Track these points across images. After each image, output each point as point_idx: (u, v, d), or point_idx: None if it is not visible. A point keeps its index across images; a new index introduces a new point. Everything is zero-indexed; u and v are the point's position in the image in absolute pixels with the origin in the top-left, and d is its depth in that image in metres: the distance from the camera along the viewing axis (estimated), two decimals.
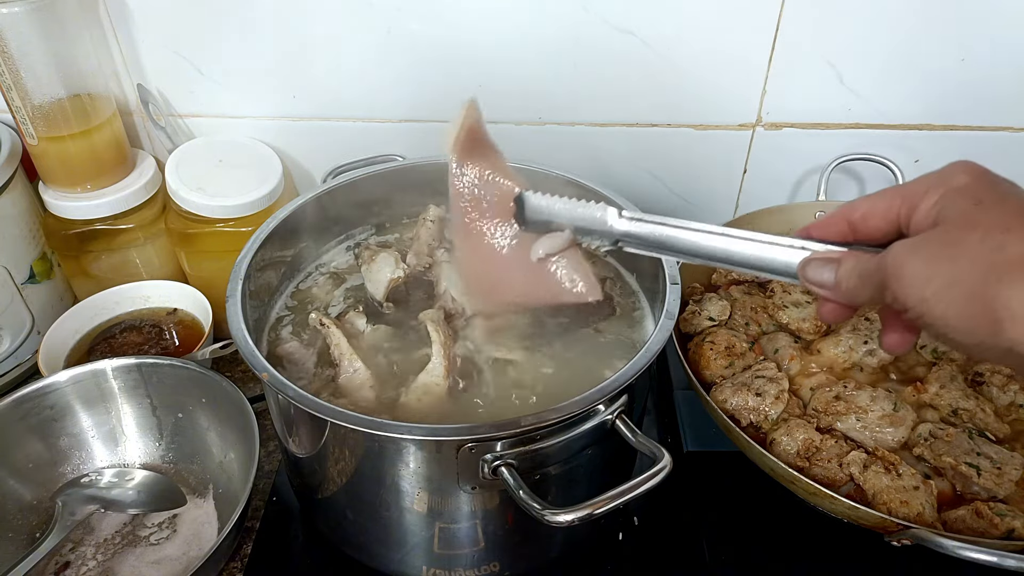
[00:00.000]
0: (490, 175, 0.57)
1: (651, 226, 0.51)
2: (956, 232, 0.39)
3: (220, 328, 0.93)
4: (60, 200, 0.93)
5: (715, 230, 0.49)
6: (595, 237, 0.53)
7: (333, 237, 0.88)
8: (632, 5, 0.88)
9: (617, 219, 0.52)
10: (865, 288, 0.43)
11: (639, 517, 0.79)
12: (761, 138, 0.98)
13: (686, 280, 0.89)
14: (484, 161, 0.57)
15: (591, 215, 0.53)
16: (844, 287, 0.44)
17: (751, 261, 0.48)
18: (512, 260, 0.57)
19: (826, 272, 0.45)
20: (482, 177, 0.57)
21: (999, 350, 0.37)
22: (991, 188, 0.40)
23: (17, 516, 0.78)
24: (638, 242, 0.52)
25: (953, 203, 0.40)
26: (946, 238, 0.39)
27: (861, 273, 0.43)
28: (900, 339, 0.46)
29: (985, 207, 0.39)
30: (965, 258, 0.38)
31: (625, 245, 0.53)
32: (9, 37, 0.82)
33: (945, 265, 0.38)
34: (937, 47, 0.89)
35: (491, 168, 0.57)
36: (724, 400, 0.75)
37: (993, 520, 0.64)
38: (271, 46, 0.95)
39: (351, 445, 0.62)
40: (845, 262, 0.44)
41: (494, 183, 0.57)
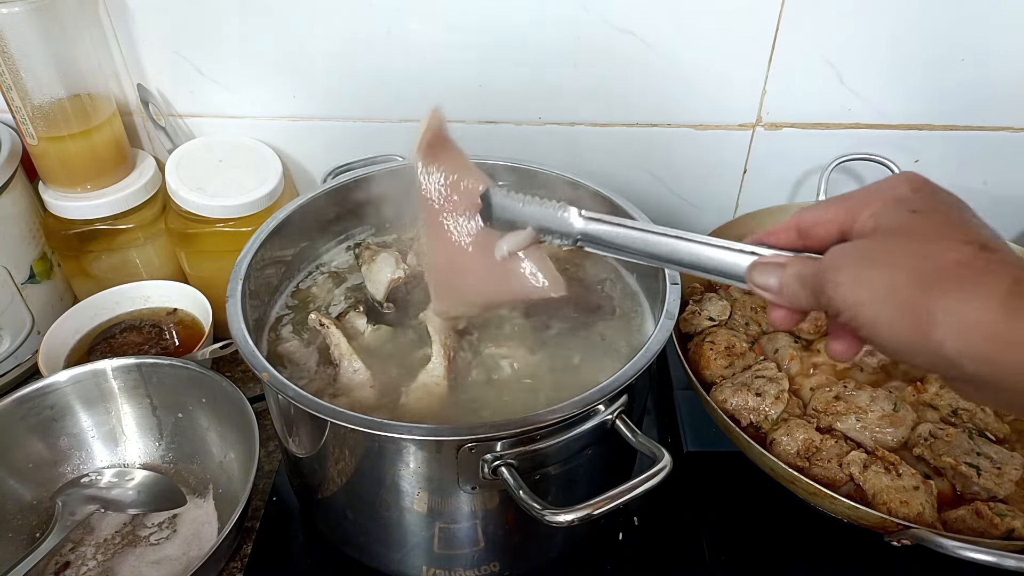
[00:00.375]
0: (455, 176, 0.59)
1: (609, 227, 0.53)
2: (890, 239, 0.40)
3: (220, 328, 0.93)
4: (60, 200, 0.93)
5: (670, 232, 0.50)
6: (556, 235, 0.55)
7: (333, 237, 0.88)
8: (632, 5, 0.88)
9: (577, 218, 0.54)
10: (804, 292, 0.43)
11: (639, 517, 0.79)
12: (761, 138, 0.98)
13: (686, 280, 0.89)
14: (449, 163, 0.59)
15: (553, 214, 0.54)
16: (786, 291, 0.45)
17: (703, 264, 0.49)
18: (478, 259, 0.59)
19: (771, 276, 0.46)
20: (448, 178, 0.59)
21: (927, 354, 0.38)
22: (928, 199, 0.41)
23: (17, 516, 0.78)
24: (596, 242, 0.54)
25: (890, 212, 0.41)
26: (880, 245, 0.40)
27: (801, 277, 0.44)
28: (845, 347, 0.46)
29: (919, 217, 0.40)
30: (896, 265, 0.39)
31: (585, 244, 0.54)
32: (9, 37, 0.82)
33: (877, 271, 0.39)
34: (937, 47, 0.89)
35: (456, 169, 0.59)
36: (724, 400, 0.75)
37: (993, 520, 0.64)
38: (271, 46, 0.95)
39: (351, 445, 0.62)
40: (789, 267, 0.45)
41: (460, 183, 0.59)
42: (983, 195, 1.00)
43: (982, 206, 0.42)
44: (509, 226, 0.57)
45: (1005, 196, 1.00)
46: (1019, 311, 0.35)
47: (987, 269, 0.37)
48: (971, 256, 0.37)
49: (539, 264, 0.57)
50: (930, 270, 0.38)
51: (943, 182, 0.43)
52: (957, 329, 0.36)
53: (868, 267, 0.40)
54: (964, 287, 0.37)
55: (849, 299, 0.40)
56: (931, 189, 0.42)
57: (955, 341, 0.36)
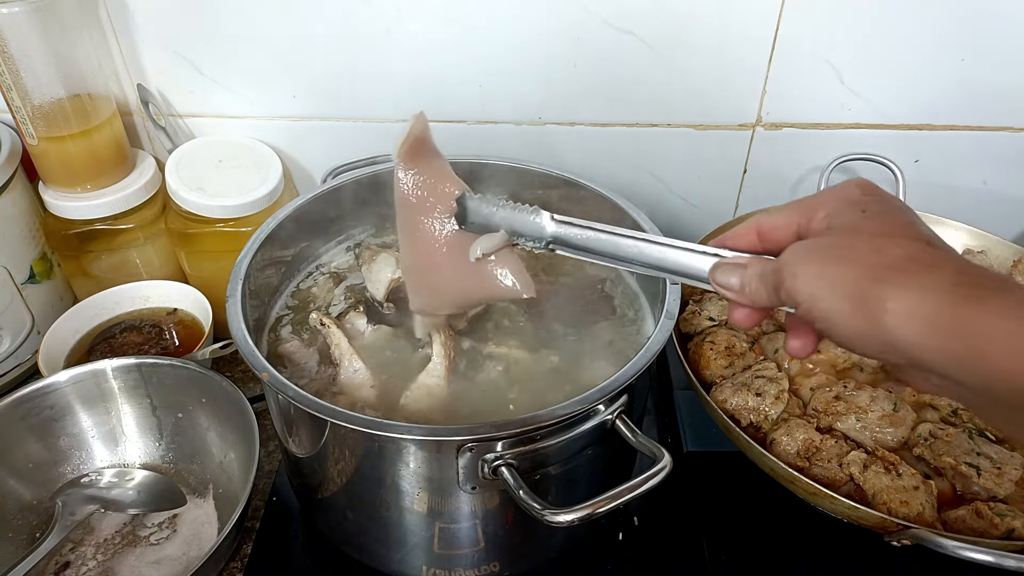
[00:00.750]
0: (433, 179, 0.61)
1: (578, 230, 0.55)
2: (843, 237, 0.43)
3: (220, 328, 0.93)
4: (60, 200, 0.93)
5: (637, 235, 0.53)
6: (529, 239, 0.57)
7: (333, 237, 0.88)
8: (632, 5, 0.88)
9: (549, 222, 0.56)
10: (764, 289, 0.46)
11: (639, 517, 0.79)
12: (761, 138, 0.98)
13: None
14: (428, 166, 0.61)
15: (526, 218, 0.57)
16: (747, 290, 0.48)
17: (668, 266, 0.52)
18: (452, 260, 0.61)
19: (733, 276, 0.48)
20: (426, 181, 0.61)
21: (878, 343, 0.40)
22: (877, 202, 0.44)
23: (17, 516, 0.78)
24: (567, 244, 0.56)
25: (843, 213, 0.44)
26: (834, 242, 0.44)
27: (762, 275, 0.46)
28: (802, 344, 0.49)
29: (870, 216, 0.43)
30: (849, 259, 0.41)
31: (556, 247, 0.56)
32: (9, 37, 0.82)
33: (832, 265, 0.42)
34: (937, 47, 0.89)
35: (435, 173, 0.61)
36: (724, 400, 0.75)
37: (993, 520, 0.64)
38: (271, 46, 0.95)
39: (351, 445, 0.62)
40: (750, 267, 0.48)
41: (437, 186, 0.61)
42: (983, 195, 1.00)
43: (982, 206, 0.43)
44: (483, 229, 0.59)
45: (1005, 196, 1.00)
46: (963, 300, 0.38)
47: (933, 262, 0.40)
48: (918, 250, 0.41)
49: (511, 266, 0.60)
50: (880, 264, 0.40)
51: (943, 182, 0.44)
52: (906, 318, 0.39)
53: (823, 262, 0.43)
54: (912, 279, 0.39)
55: (806, 292, 0.43)
56: (879, 193, 0.45)
57: (904, 330, 0.39)
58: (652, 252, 0.52)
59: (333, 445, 0.63)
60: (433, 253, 0.62)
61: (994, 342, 0.37)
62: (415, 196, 0.61)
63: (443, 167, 0.62)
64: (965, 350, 0.38)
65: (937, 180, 0.98)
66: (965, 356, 0.38)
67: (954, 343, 0.38)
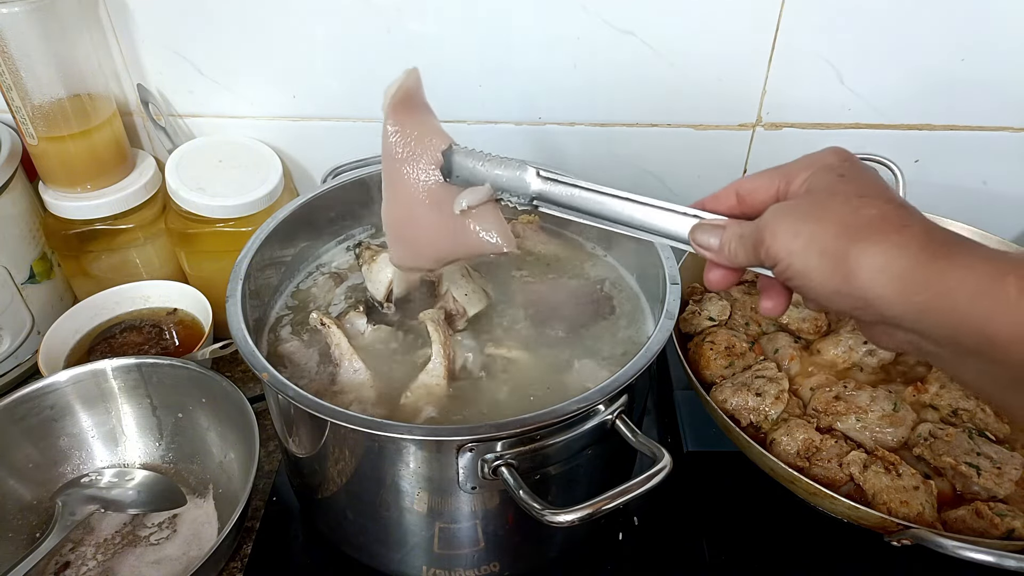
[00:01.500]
0: (419, 132, 0.61)
1: (563, 187, 0.56)
2: (821, 198, 0.46)
3: (220, 328, 0.93)
4: (60, 200, 0.93)
5: (620, 194, 0.54)
6: (513, 193, 0.58)
7: (333, 237, 0.88)
8: (632, 5, 0.88)
9: (535, 178, 0.57)
10: (743, 248, 0.48)
11: (639, 517, 0.79)
12: (761, 138, 0.98)
13: (686, 280, 0.89)
14: (416, 120, 0.61)
15: (511, 172, 0.57)
16: (726, 249, 0.50)
17: (649, 226, 0.54)
18: (435, 213, 0.61)
19: (712, 237, 0.51)
20: (412, 133, 0.61)
21: (851, 299, 0.43)
22: (853, 167, 0.47)
23: (17, 516, 0.78)
24: (552, 202, 0.57)
25: (821, 176, 0.47)
26: (812, 201, 0.46)
27: (741, 236, 0.49)
28: (774, 303, 0.52)
29: (846, 180, 0.46)
30: (826, 219, 0.44)
31: (541, 204, 0.57)
32: (9, 37, 0.82)
33: (810, 224, 0.44)
34: (937, 47, 0.89)
35: (422, 126, 0.61)
36: (724, 400, 0.75)
37: (993, 520, 0.64)
38: (271, 46, 0.95)
39: (351, 445, 0.62)
40: (729, 228, 0.50)
41: (423, 139, 0.60)
42: (983, 195, 1.00)
43: (982, 206, 0.44)
44: (468, 183, 0.59)
45: (1005, 196, 1.00)
46: (933, 256, 0.40)
47: (904, 222, 0.42)
48: (891, 211, 0.43)
49: (493, 221, 0.60)
50: (855, 223, 0.43)
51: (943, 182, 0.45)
52: (878, 274, 0.41)
53: (801, 221, 0.45)
54: (886, 237, 0.42)
55: (784, 251, 0.45)
56: (854, 160, 0.48)
57: (876, 285, 0.41)
58: (635, 212, 0.54)
59: (333, 445, 0.63)
60: (416, 205, 0.61)
61: (961, 293, 0.39)
62: (400, 148, 0.61)
63: (431, 121, 0.62)
64: (933, 302, 0.40)
65: (937, 180, 0.98)
66: (934, 308, 0.40)
67: (923, 296, 0.40)
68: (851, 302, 0.43)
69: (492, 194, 0.58)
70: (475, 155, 0.59)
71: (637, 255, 0.80)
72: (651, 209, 0.53)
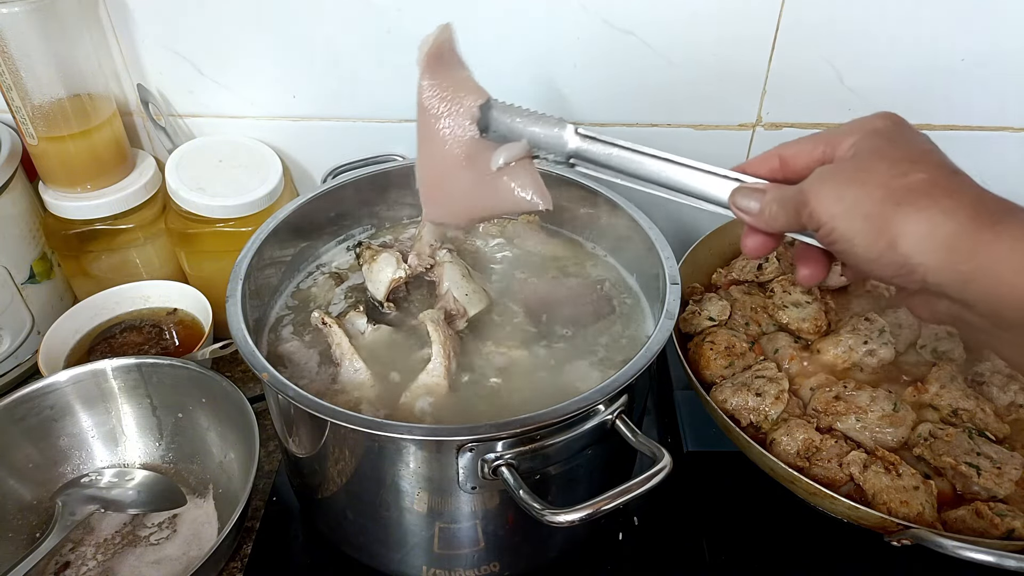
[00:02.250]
0: (455, 87, 0.60)
1: (601, 145, 0.55)
2: (867, 162, 0.44)
3: (220, 328, 0.93)
4: (60, 200, 0.93)
5: (660, 155, 0.53)
6: (550, 151, 0.57)
7: (333, 237, 0.89)
8: (632, 5, 0.88)
9: (573, 135, 0.56)
10: (784, 211, 0.48)
11: (639, 517, 0.79)
12: (761, 138, 0.98)
13: (686, 280, 0.89)
14: (451, 73, 0.60)
15: (549, 129, 0.56)
16: (766, 212, 0.49)
17: (688, 188, 0.53)
18: (469, 169, 0.59)
19: (752, 200, 0.50)
20: (447, 88, 0.60)
21: (894, 264, 0.42)
22: (902, 131, 0.46)
23: (17, 516, 0.78)
24: (589, 160, 0.56)
25: (868, 140, 0.46)
26: (858, 165, 0.45)
27: (781, 199, 0.48)
28: (812, 272, 0.51)
29: (895, 144, 0.45)
30: (871, 183, 0.43)
31: (577, 162, 0.56)
32: (9, 37, 0.82)
33: (855, 188, 0.43)
34: (937, 47, 0.89)
35: (457, 79, 0.60)
36: (724, 400, 0.75)
37: (993, 520, 0.64)
38: (271, 46, 0.95)
39: (351, 445, 0.62)
40: (769, 191, 0.49)
41: (459, 92, 0.59)
42: None
43: None
44: (504, 139, 0.58)
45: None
46: (981, 225, 0.40)
47: (953, 188, 0.41)
48: (940, 176, 0.42)
49: (530, 178, 0.59)
50: (902, 187, 0.42)
51: None
52: (923, 240, 0.41)
53: (846, 185, 0.44)
54: (933, 203, 0.41)
55: (827, 214, 0.44)
56: (905, 124, 0.47)
57: (921, 252, 0.41)
58: (673, 174, 0.53)
59: (333, 445, 0.63)
60: (451, 161, 0.60)
61: (1008, 263, 0.39)
62: (436, 103, 0.60)
63: (466, 76, 0.61)
64: (979, 271, 0.39)
65: None
66: (979, 277, 0.39)
67: (969, 265, 0.39)
68: (894, 268, 0.42)
69: (529, 150, 0.57)
70: (512, 110, 0.57)
71: (637, 255, 0.80)
72: (691, 171, 0.52)
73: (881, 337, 0.79)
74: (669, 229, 0.78)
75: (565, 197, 0.85)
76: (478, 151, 0.59)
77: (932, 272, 0.41)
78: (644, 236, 0.77)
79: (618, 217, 0.81)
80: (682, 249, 0.88)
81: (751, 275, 0.90)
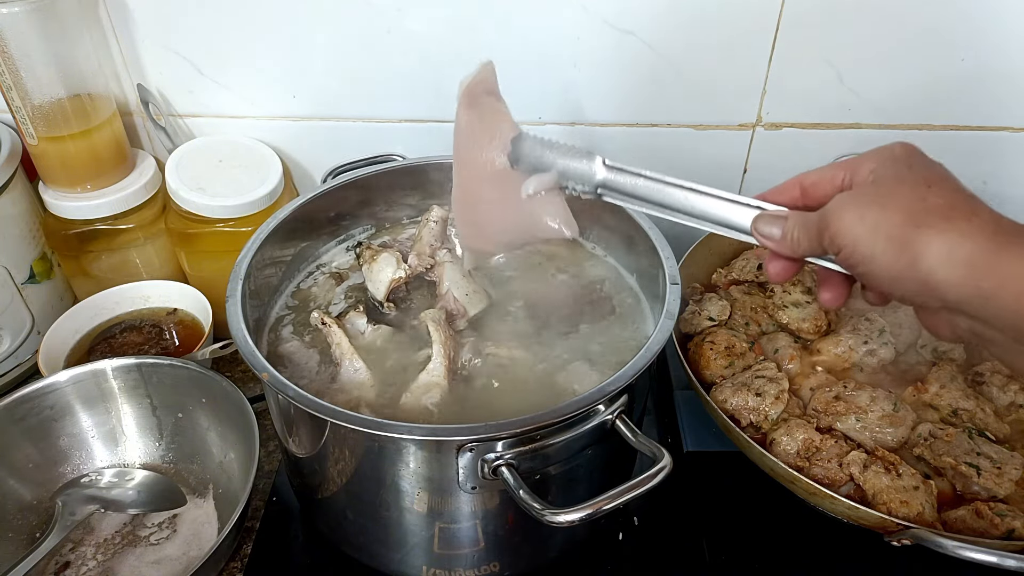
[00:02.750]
0: (490, 119, 0.62)
1: (629, 177, 0.58)
2: (887, 186, 0.46)
3: (220, 328, 0.93)
4: (60, 200, 0.93)
5: (684, 184, 0.56)
6: (579, 181, 0.59)
7: (333, 237, 0.89)
8: (632, 5, 0.88)
9: (601, 167, 0.58)
10: (807, 236, 0.49)
11: (639, 517, 0.79)
12: (761, 138, 0.98)
13: (686, 280, 0.89)
14: (487, 107, 0.63)
15: (578, 161, 0.59)
16: (789, 238, 0.51)
17: (711, 216, 0.55)
18: (501, 197, 0.62)
19: (775, 227, 0.52)
20: (483, 119, 0.62)
21: (916, 284, 0.44)
22: (921, 157, 0.48)
23: (17, 516, 0.78)
24: (616, 191, 0.58)
25: (888, 167, 0.48)
26: (879, 190, 0.47)
27: (804, 225, 0.49)
28: (834, 295, 0.53)
29: (913, 170, 0.47)
30: (892, 206, 0.45)
31: (605, 193, 0.59)
32: (9, 37, 0.82)
33: (875, 211, 0.45)
34: (937, 47, 0.89)
35: (493, 113, 0.63)
36: (724, 400, 0.75)
37: (993, 520, 0.64)
38: (271, 46, 0.95)
39: (351, 445, 0.62)
40: (791, 218, 0.51)
41: (494, 125, 0.62)
42: (983, 195, 0.96)
43: None
44: (534, 170, 0.60)
45: (1005, 196, 1.00)
46: (1003, 245, 0.41)
47: (975, 211, 0.43)
48: (959, 200, 0.44)
49: (557, 207, 0.61)
50: (923, 210, 0.44)
51: None
52: (945, 260, 0.42)
53: (867, 207, 0.46)
54: (953, 224, 0.42)
55: (849, 236, 0.46)
56: (922, 153, 0.49)
57: (942, 271, 0.42)
58: (697, 203, 0.55)
59: (333, 445, 0.63)
60: (484, 190, 0.63)
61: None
62: (471, 132, 0.62)
63: (502, 109, 0.64)
64: (999, 289, 0.41)
65: None
66: (999, 294, 0.41)
67: (989, 282, 0.41)
68: (915, 287, 0.44)
69: (558, 181, 0.60)
70: (543, 143, 0.60)
71: (637, 255, 0.80)
72: (714, 200, 0.54)
73: (881, 337, 0.79)
74: (669, 229, 0.78)
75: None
76: (510, 181, 0.61)
77: (953, 290, 0.42)
78: (644, 236, 0.77)
79: (618, 218, 0.81)
80: (682, 249, 0.88)
81: (751, 275, 0.90)
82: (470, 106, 0.62)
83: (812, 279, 0.87)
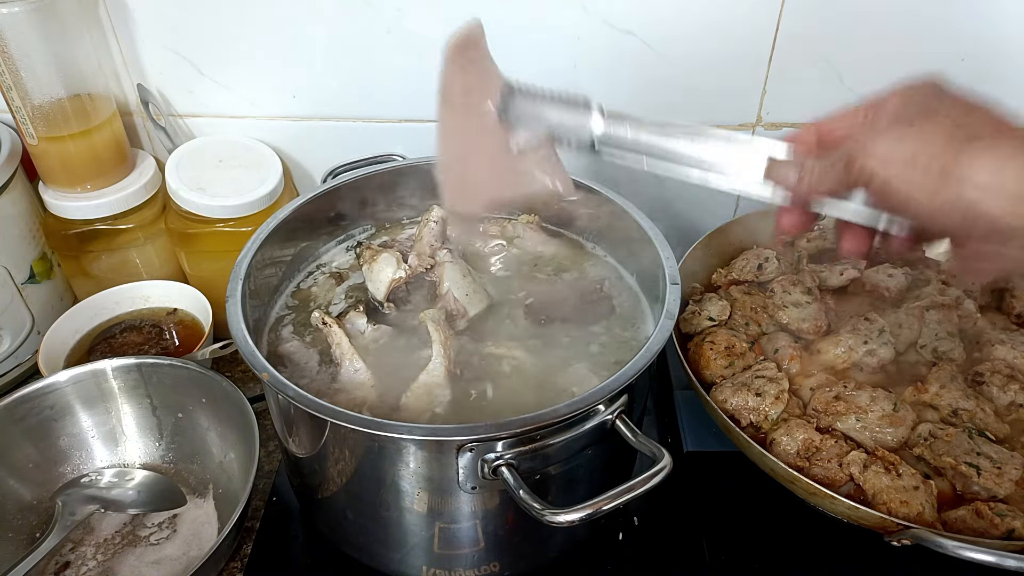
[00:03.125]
0: (477, 75, 0.59)
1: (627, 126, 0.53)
2: (920, 114, 0.44)
3: (220, 328, 0.93)
4: (60, 200, 0.93)
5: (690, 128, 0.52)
6: (574, 132, 0.55)
7: (333, 237, 0.89)
8: (632, 5, 0.88)
9: (598, 120, 0.54)
10: (832, 171, 0.46)
11: (639, 517, 0.79)
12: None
13: (686, 280, 0.89)
14: (474, 63, 0.59)
15: (573, 111, 0.54)
16: (807, 179, 0.47)
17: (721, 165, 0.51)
18: (490, 155, 0.58)
19: (791, 171, 0.48)
20: (469, 75, 0.58)
21: (959, 213, 0.41)
22: (949, 87, 0.46)
23: (17, 516, 0.78)
24: (616, 146, 0.54)
25: (916, 97, 0.45)
26: (910, 119, 0.44)
27: (826, 161, 0.46)
28: (856, 244, 0.50)
29: (943, 99, 0.45)
30: (929, 133, 0.42)
31: (603, 149, 0.54)
32: (9, 37, 0.82)
33: (910, 141, 0.42)
34: (937, 47, 0.89)
35: (480, 68, 0.59)
36: (724, 400, 0.75)
37: (993, 520, 0.64)
38: (271, 46, 0.95)
39: (351, 445, 0.62)
40: (807, 161, 0.48)
41: (480, 81, 0.58)
42: None
43: None
44: (525, 124, 0.57)
45: None
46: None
47: (1014, 130, 0.41)
48: (1001, 120, 0.41)
49: (551, 163, 0.58)
50: (962, 136, 0.41)
51: None
52: (991, 181, 0.40)
53: (899, 137, 0.43)
54: (995, 145, 0.40)
55: (881, 166, 0.43)
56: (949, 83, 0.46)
57: (989, 195, 0.39)
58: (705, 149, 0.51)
59: (333, 445, 0.63)
60: (471, 147, 0.59)
61: None
62: (457, 89, 0.59)
63: (490, 64, 0.60)
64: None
65: None
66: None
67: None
68: (959, 217, 0.41)
69: (551, 134, 0.56)
70: (535, 94, 0.56)
71: (637, 255, 0.80)
72: (723, 143, 0.50)
73: (881, 337, 0.79)
74: (669, 229, 0.78)
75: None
76: (498, 135, 0.57)
77: (1001, 215, 0.39)
78: (644, 236, 0.77)
79: (618, 217, 0.81)
80: (682, 249, 0.88)
81: (751, 275, 0.90)
82: (455, 59, 0.58)
83: (812, 279, 0.87)
